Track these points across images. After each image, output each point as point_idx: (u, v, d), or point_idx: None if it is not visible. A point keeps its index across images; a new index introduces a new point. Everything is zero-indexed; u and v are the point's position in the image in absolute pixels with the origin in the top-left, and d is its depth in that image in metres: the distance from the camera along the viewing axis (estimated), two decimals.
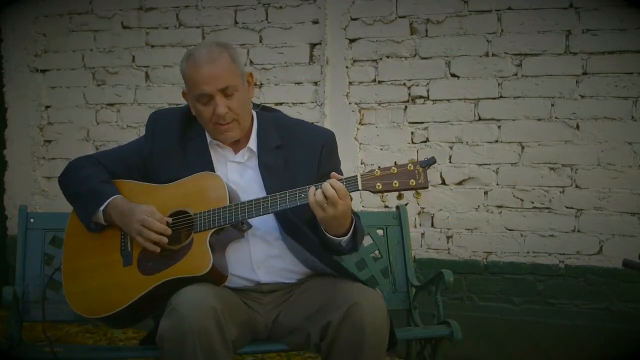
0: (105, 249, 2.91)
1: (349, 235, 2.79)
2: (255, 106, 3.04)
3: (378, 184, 2.62)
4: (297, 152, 2.92)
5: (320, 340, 2.68)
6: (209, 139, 2.94)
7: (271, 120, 3.00)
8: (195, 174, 2.87)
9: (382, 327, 2.64)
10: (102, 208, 2.87)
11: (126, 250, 2.88)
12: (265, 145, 2.93)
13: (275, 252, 2.89)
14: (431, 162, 2.62)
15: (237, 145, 2.95)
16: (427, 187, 2.61)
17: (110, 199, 2.87)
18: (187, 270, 2.73)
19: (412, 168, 2.61)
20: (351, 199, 2.69)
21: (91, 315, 2.87)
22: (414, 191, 2.62)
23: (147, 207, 2.81)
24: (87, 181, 2.93)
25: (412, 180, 2.60)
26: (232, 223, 2.77)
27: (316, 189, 2.63)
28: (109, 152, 3.10)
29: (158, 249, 2.78)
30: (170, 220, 2.81)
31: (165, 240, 2.77)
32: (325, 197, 2.61)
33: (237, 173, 2.93)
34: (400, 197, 2.66)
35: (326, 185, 2.63)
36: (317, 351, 2.73)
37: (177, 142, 2.95)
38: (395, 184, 2.61)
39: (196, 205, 2.82)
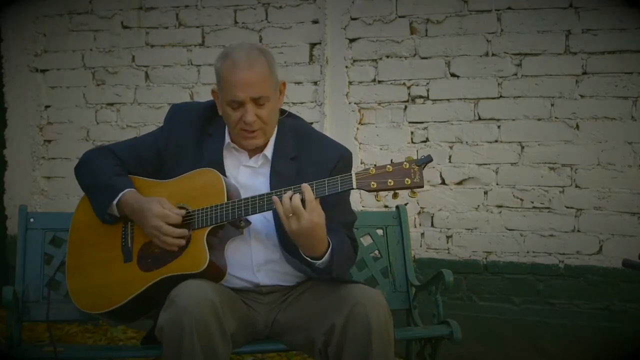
0: (107, 245, 2.93)
1: (323, 260, 2.72)
2: (282, 112, 2.99)
3: (373, 182, 2.58)
4: (310, 164, 2.88)
5: (326, 346, 2.66)
6: (226, 139, 2.93)
7: (291, 129, 2.96)
8: (194, 170, 2.87)
9: (387, 325, 2.63)
10: (115, 202, 2.88)
11: (126, 247, 2.89)
12: (281, 154, 2.90)
13: (275, 256, 2.88)
14: (427, 160, 2.58)
15: (253, 150, 2.92)
16: (422, 186, 2.57)
17: (121, 193, 2.88)
18: (185, 268, 2.74)
19: (407, 166, 2.58)
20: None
21: (92, 310, 2.89)
22: (409, 190, 2.59)
23: (159, 209, 2.78)
24: (99, 174, 2.94)
25: (407, 179, 2.56)
26: (229, 221, 2.77)
27: (294, 194, 2.61)
28: (123, 144, 3.10)
29: (176, 249, 2.78)
30: (184, 212, 2.80)
31: (183, 242, 2.78)
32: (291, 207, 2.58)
33: (248, 177, 2.92)
34: (395, 196, 2.62)
35: (296, 194, 2.60)
36: (322, 358, 2.70)
37: (193, 139, 2.93)
38: (390, 182, 2.57)
39: (195, 201, 2.82)
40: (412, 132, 4.42)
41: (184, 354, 2.54)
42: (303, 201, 2.60)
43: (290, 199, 2.60)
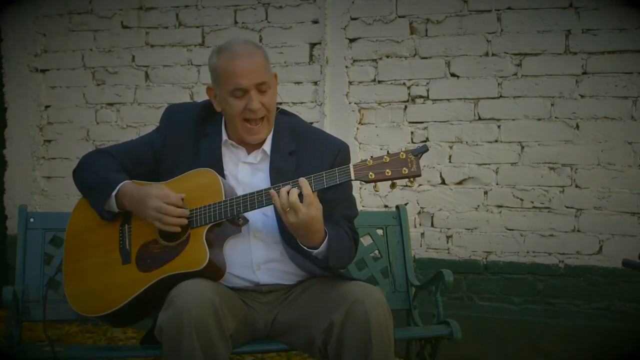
0: (105, 248, 2.93)
1: (320, 249, 2.76)
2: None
3: (370, 173, 2.61)
4: (309, 159, 2.90)
5: (325, 344, 2.66)
6: (224, 137, 2.94)
7: (288, 125, 2.98)
8: (192, 171, 2.88)
9: (387, 322, 2.63)
10: (114, 194, 2.87)
11: (124, 249, 2.89)
12: (279, 150, 2.92)
13: (275, 255, 2.89)
14: (423, 150, 2.62)
15: (251, 146, 2.94)
16: (419, 175, 2.61)
17: (120, 184, 2.88)
18: (184, 266, 2.74)
19: (404, 156, 2.61)
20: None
21: (92, 314, 2.88)
22: (407, 180, 2.62)
23: (159, 191, 2.80)
24: (98, 172, 2.94)
25: (404, 168, 2.60)
26: (227, 218, 2.78)
27: (291, 188, 2.63)
28: (119, 146, 3.10)
29: (179, 229, 2.78)
30: (184, 195, 2.80)
31: (185, 221, 2.78)
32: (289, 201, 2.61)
33: (248, 174, 2.93)
34: (393, 186, 2.65)
35: (293, 189, 2.63)
36: (322, 357, 2.71)
37: (190, 139, 2.94)
38: (388, 172, 2.61)
39: (192, 202, 2.82)
40: (412, 132, 4.42)
41: (183, 354, 2.54)
42: (301, 195, 2.61)
43: (288, 193, 2.62)
